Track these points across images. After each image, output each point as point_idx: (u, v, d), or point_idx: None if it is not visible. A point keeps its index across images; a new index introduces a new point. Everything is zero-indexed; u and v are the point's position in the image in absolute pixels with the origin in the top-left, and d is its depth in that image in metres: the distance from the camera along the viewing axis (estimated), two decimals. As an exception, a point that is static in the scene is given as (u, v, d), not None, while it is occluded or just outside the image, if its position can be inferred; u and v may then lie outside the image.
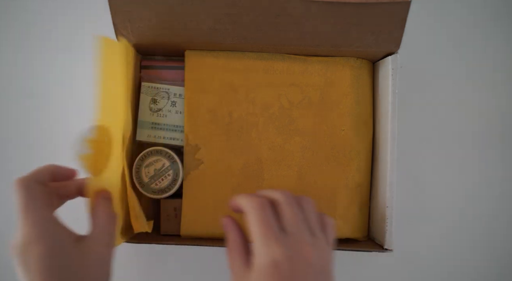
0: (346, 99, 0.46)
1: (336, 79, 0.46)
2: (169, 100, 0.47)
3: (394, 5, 0.39)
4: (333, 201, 0.46)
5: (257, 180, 0.46)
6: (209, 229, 0.45)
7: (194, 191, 0.46)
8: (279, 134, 0.46)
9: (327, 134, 0.46)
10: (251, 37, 0.43)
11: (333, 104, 0.46)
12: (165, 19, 0.41)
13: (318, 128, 0.46)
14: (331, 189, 0.46)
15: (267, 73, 0.46)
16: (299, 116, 0.46)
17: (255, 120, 0.46)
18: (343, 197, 0.46)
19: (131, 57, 0.45)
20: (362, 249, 0.44)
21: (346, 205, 0.46)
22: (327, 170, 0.46)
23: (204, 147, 0.46)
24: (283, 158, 0.46)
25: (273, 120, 0.46)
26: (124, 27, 0.42)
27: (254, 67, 0.46)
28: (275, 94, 0.46)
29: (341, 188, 0.46)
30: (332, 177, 0.46)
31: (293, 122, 0.46)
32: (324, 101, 0.46)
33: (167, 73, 0.48)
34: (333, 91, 0.46)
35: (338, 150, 0.46)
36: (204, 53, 0.46)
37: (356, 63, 0.46)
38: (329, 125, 0.46)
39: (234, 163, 0.46)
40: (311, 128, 0.46)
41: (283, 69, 0.46)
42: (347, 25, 0.41)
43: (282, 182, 0.46)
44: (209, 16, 0.41)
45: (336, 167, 0.46)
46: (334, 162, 0.46)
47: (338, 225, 0.46)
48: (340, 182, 0.46)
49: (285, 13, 0.40)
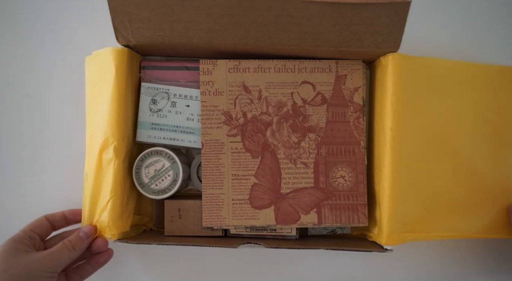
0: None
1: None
2: (169, 101, 0.47)
3: (394, 5, 0.39)
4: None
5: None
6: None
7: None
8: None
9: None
10: (250, 37, 0.43)
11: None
12: (164, 19, 0.41)
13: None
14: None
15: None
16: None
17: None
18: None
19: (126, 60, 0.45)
20: (363, 249, 0.44)
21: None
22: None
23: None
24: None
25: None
26: (124, 28, 0.42)
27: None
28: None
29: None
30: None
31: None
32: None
33: (167, 74, 0.48)
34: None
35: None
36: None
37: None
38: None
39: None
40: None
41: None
42: (346, 26, 0.41)
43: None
44: (209, 16, 0.41)
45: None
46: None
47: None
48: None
49: (285, 13, 0.40)
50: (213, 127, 0.46)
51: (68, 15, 0.53)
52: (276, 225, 0.46)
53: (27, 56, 0.53)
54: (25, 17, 0.54)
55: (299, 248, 0.44)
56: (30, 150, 0.53)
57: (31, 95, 0.53)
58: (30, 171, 0.52)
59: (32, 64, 0.53)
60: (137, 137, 0.47)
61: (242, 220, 0.46)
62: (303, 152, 0.46)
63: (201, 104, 0.46)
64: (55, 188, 0.52)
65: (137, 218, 0.49)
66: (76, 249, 0.41)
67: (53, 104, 0.53)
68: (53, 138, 0.53)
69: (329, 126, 0.47)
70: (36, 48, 0.53)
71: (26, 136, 0.53)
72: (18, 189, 0.52)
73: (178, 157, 0.46)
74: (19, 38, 0.53)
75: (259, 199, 0.46)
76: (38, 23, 0.53)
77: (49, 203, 0.51)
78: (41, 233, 0.44)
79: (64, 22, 0.53)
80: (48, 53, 0.53)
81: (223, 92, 0.46)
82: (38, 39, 0.53)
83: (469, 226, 0.48)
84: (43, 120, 0.53)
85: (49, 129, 0.53)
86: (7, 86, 0.53)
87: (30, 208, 0.51)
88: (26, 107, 0.53)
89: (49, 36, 0.53)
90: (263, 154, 0.46)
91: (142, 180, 0.46)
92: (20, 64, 0.53)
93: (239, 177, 0.46)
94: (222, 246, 0.44)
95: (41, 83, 0.53)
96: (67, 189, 0.52)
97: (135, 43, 0.44)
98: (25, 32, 0.53)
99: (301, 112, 0.47)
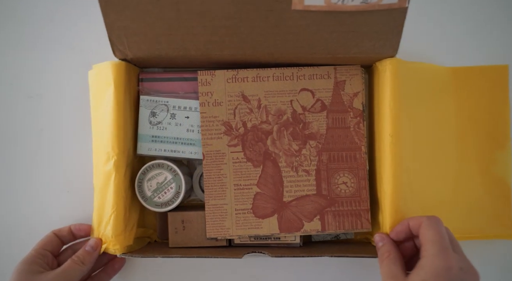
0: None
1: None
2: (168, 113, 0.47)
3: (391, 11, 0.39)
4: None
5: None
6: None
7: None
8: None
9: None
10: (248, 48, 0.43)
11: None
12: (161, 33, 0.41)
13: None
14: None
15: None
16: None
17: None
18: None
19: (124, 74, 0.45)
20: (366, 255, 0.44)
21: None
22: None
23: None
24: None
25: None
26: (121, 43, 0.42)
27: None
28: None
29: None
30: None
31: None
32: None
33: (165, 85, 0.48)
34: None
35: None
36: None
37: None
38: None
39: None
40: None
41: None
42: (344, 33, 0.41)
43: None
44: (205, 28, 0.41)
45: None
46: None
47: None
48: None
49: (282, 23, 0.40)
50: (214, 138, 0.46)
51: (69, 15, 0.53)
52: (280, 233, 0.46)
53: (27, 56, 0.53)
54: (25, 17, 0.53)
55: (303, 256, 0.44)
56: (30, 150, 0.53)
57: (31, 95, 0.53)
58: (30, 171, 0.52)
59: (32, 64, 0.53)
60: (138, 150, 0.47)
61: (246, 230, 0.46)
62: (305, 160, 0.46)
63: (201, 115, 0.46)
64: (55, 188, 0.52)
65: (141, 231, 0.49)
66: (85, 263, 0.42)
67: (53, 104, 0.53)
68: (53, 138, 0.53)
69: (330, 132, 0.47)
70: (36, 48, 0.53)
71: (26, 136, 0.53)
72: (18, 189, 0.52)
73: (179, 168, 0.46)
74: (19, 38, 0.53)
75: (262, 208, 0.46)
76: (39, 23, 0.53)
77: (49, 203, 0.52)
78: (53, 249, 0.44)
79: (64, 22, 0.53)
80: (49, 53, 0.53)
81: (222, 103, 0.46)
82: (38, 39, 0.53)
83: (468, 227, 0.48)
84: (43, 120, 0.53)
85: (49, 129, 0.53)
86: (7, 86, 0.53)
87: (30, 208, 0.52)
88: (26, 107, 0.53)
89: (49, 36, 0.53)
90: (265, 163, 0.46)
91: (144, 193, 0.46)
92: (20, 64, 0.53)
93: (241, 186, 0.46)
94: (227, 257, 0.44)
95: (41, 83, 0.53)
96: (67, 189, 0.52)
97: (132, 57, 0.44)
98: (25, 32, 0.53)
99: (301, 119, 0.47)
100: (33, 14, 0.53)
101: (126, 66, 0.45)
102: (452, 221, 0.47)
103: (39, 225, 0.49)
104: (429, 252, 0.36)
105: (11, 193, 0.53)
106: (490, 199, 0.49)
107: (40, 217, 0.52)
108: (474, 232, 0.49)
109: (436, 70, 0.49)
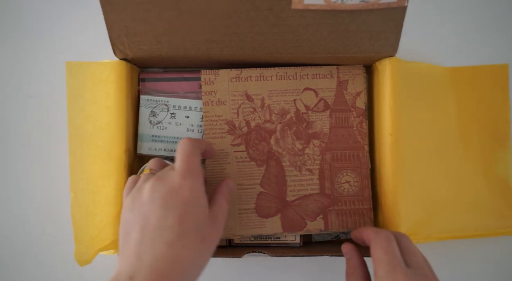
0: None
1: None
2: (168, 112, 0.47)
3: (390, 10, 0.39)
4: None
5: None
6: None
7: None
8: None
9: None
10: (248, 47, 0.43)
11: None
12: (161, 32, 0.41)
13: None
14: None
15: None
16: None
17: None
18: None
19: (125, 73, 0.45)
20: (366, 255, 0.44)
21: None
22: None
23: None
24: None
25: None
26: (121, 43, 0.42)
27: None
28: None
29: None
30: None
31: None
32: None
33: (166, 85, 0.48)
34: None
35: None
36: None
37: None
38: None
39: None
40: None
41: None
42: (343, 32, 0.41)
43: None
44: (205, 28, 0.41)
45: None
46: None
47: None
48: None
49: (281, 22, 0.40)
50: (217, 137, 0.46)
51: (69, 15, 0.53)
52: (283, 233, 0.46)
53: (27, 56, 0.53)
54: (26, 17, 0.53)
55: (303, 256, 0.44)
56: (30, 150, 0.52)
57: (31, 95, 0.53)
58: (30, 171, 0.52)
59: (32, 64, 0.53)
60: (138, 150, 0.47)
61: (249, 230, 0.46)
62: (308, 159, 0.46)
63: (204, 115, 0.46)
64: (55, 188, 0.52)
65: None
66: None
67: (53, 104, 0.53)
68: (53, 138, 0.52)
69: (333, 131, 0.47)
70: (36, 48, 0.53)
71: (26, 136, 0.52)
72: (18, 188, 0.52)
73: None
74: (19, 38, 0.53)
75: (265, 207, 0.46)
76: (39, 23, 0.53)
77: (49, 203, 0.51)
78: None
79: (64, 22, 0.53)
80: (49, 53, 0.53)
81: (225, 102, 0.46)
82: (38, 39, 0.53)
83: (469, 226, 0.48)
84: (43, 120, 0.53)
85: (49, 129, 0.52)
86: (7, 86, 0.53)
87: (30, 208, 0.52)
88: (26, 107, 0.53)
89: (49, 36, 0.53)
90: (268, 162, 0.46)
91: (145, 193, 0.46)
92: (21, 64, 0.53)
93: (245, 186, 0.46)
94: (227, 256, 0.44)
95: (41, 83, 0.53)
96: (67, 189, 0.51)
97: (132, 56, 0.44)
98: (25, 32, 0.53)
99: (305, 118, 0.47)
100: (33, 15, 0.53)
101: (127, 65, 0.45)
102: (453, 219, 0.48)
103: (39, 225, 0.49)
104: (378, 275, 0.34)
105: (11, 193, 0.52)
106: (491, 198, 0.49)
107: (40, 217, 0.51)
108: (475, 230, 0.49)
109: (436, 69, 0.49)
